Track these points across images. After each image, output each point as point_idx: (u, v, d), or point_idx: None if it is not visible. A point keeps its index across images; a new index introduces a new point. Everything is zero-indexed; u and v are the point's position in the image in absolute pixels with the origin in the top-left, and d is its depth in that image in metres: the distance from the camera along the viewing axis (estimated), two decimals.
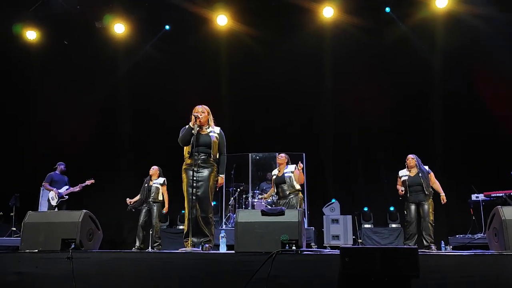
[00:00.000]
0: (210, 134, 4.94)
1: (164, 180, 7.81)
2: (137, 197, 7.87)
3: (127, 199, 7.88)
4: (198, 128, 4.86)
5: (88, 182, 8.41)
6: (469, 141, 8.90)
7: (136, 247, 7.50)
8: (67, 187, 8.43)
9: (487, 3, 8.55)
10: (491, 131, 8.72)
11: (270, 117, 9.83)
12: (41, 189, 9.22)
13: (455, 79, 9.18)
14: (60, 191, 8.32)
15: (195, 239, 4.69)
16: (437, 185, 6.75)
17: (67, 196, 8.37)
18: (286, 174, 6.47)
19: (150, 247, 7.87)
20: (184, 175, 4.87)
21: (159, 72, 10.22)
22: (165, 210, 7.83)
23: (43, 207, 9.03)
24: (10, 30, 9.86)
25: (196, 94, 9.37)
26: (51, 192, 8.32)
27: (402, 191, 6.73)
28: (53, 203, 8.29)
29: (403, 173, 6.84)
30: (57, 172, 8.55)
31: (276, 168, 6.96)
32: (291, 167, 6.55)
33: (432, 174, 6.77)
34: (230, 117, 9.48)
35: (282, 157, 6.65)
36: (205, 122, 4.96)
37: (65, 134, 10.03)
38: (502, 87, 8.70)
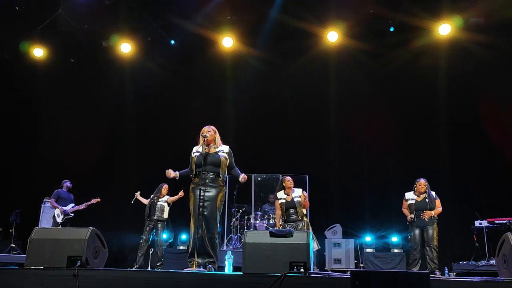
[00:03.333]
0: (219, 153, 4.98)
1: (168, 197, 7.83)
2: (145, 201, 7.89)
3: (138, 192, 7.92)
4: (206, 148, 4.90)
5: (93, 201, 8.45)
6: (474, 167, 8.91)
7: (136, 266, 7.41)
8: (72, 204, 8.44)
9: (490, 31, 8.67)
10: (496, 157, 8.74)
11: (274, 138, 9.85)
12: (42, 205, 9.18)
13: (460, 105, 9.22)
14: (65, 208, 8.31)
15: (199, 260, 4.66)
16: (438, 211, 6.70)
17: (72, 214, 8.37)
18: (295, 199, 6.49)
19: (150, 266, 7.79)
20: (191, 194, 4.88)
21: (164, 92, 10.31)
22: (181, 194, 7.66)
23: (44, 223, 8.98)
24: (18, 47, 9.98)
25: (201, 114, 9.45)
26: (57, 209, 8.31)
27: (411, 218, 6.66)
28: (59, 220, 8.28)
29: (410, 196, 6.80)
30: (64, 189, 8.55)
31: (278, 190, 6.90)
32: (298, 191, 6.57)
33: (438, 200, 6.74)
34: (234, 138, 9.51)
35: (290, 181, 6.66)
36: (211, 141, 5.01)
37: (70, 151, 10.04)
38: (506, 114, 8.76)
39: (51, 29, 9.73)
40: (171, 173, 5.05)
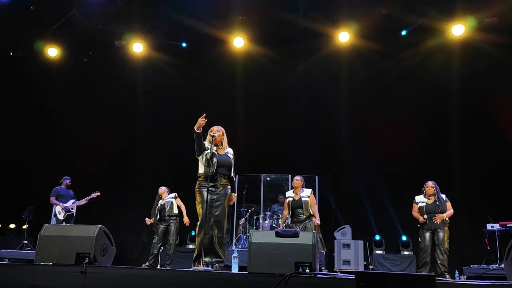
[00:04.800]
0: (228, 155, 5.01)
1: (175, 194, 7.88)
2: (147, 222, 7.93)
3: (147, 219, 7.91)
4: (215, 148, 4.92)
5: (93, 195, 8.47)
6: (487, 170, 8.77)
7: (148, 263, 7.48)
8: (73, 200, 8.50)
9: (505, 31, 8.55)
10: (509, 159, 8.62)
11: (284, 138, 9.84)
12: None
13: (472, 106, 9.11)
14: (66, 205, 8.38)
15: (207, 259, 4.68)
16: (449, 213, 6.62)
17: (73, 210, 8.44)
18: (303, 199, 6.44)
19: (159, 265, 7.83)
20: (199, 195, 4.87)
21: (176, 91, 10.36)
22: (186, 222, 7.77)
23: (54, 221, 9.08)
24: (32, 47, 10.13)
25: (212, 113, 9.41)
26: (57, 206, 8.40)
27: (424, 219, 6.58)
28: (60, 217, 8.35)
29: (420, 199, 6.73)
30: (62, 186, 8.63)
31: (288, 190, 6.91)
32: (307, 191, 6.52)
33: (449, 202, 6.67)
34: (244, 138, 9.56)
35: (297, 180, 6.60)
36: (219, 142, 5.02)
37: (82, 150, 10.16)
38: None
39: (64, 29, 9.85)
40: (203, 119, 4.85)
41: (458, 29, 8.78)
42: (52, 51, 10.12)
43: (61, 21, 9.64)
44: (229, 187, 4.95)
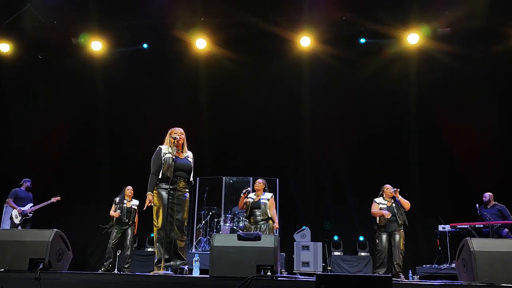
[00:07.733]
0: (188, 159, 4.95)
1: (138, 202, 7.72)
2: (113, 214, 7.64)
3: (113, 212, 7.64)
4: (176, 151, 4.85)
5: (53, 200, 8.15)
6: (441, 174, 9.20)
7: (104, 268, 7.29)
8: (31, 204, 8.13)
9: (457, 41, 8.95)
10: (459, 165, 9.04)
11: (245, 141, 9.85)
12: (5, 205, 8.85)
13: (429, 113, 9.50)
14: (24, 209, 8.01)
15: (173, 263, 4.63)
16: (407, 202, 6.85)
17: (31, 214, 8.07)
18: (262, 200, 6.49)
19: (117, 269, 7.65)
20: (158, 197, 4.77)
21: (136, 93, 10.13)
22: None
23: (5, 224, 8.66)
24: None
25: (173, 116, 9.34)
26: (15, 210, 8.01)
27: (388, 214, 6.75)
28: (16, 221, 7.96)
29: (380, 200, 6.94)
30: (22, 188, 8.26)
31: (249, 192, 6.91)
32: (268, 195, 6.58)
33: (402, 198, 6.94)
34: (206, 140, 9.52)
35: (259, 182, 6.65)
36: (180, 145, 4.95)
37: (36, 151, 9.77)
38: (469, 122, 9.07)
39: (18, 24, 9.42)
40: (150, 200, 4.75)
41: (413, 38, 9.09)
42: (4, 47, 9.67)
43: (15, 15, 9.24)
44: (187, 190, 4.89)
